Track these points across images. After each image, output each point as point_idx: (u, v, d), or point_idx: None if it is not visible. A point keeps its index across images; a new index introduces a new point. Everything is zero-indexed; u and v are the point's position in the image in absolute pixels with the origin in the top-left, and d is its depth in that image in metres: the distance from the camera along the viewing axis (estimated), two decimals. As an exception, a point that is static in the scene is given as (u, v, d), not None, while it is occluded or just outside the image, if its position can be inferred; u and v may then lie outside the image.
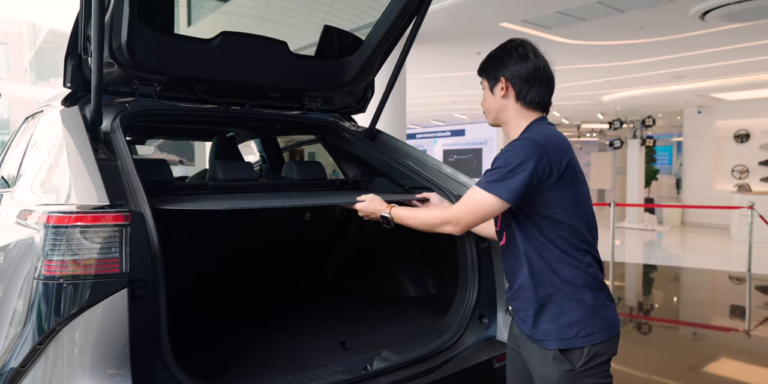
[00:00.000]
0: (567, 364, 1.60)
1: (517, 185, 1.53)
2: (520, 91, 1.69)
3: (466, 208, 1.64)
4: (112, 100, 2.32)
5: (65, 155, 1.86)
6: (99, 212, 1.55)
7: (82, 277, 1.49)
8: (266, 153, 4.32)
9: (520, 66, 1.67)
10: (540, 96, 1.69)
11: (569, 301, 1.60)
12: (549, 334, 1.62)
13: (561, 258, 1.59)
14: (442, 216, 1.70)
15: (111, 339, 1.51)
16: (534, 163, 1.53)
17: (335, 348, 2.19)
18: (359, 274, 3.27)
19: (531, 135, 1.60)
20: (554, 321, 1.61)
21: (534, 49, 1.72)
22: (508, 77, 1.69)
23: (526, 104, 1.69)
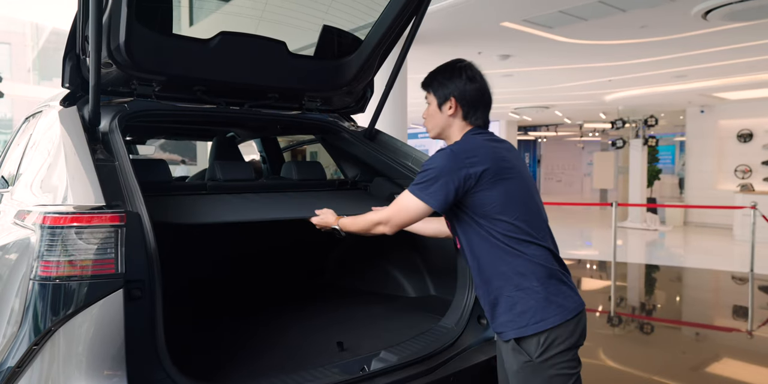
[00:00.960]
0: (524, 354, 1.68)
1: (439, 193, 1.68)
2: (467, 112, 1.82)
3: (397, 210, 1.79)
4: (110, 101, 2.32)
5: (62, 156, 1.86)
6: (94, 213, 1.55)
7: (78, 278, 1.49)
8: (266, 153, 4.32)
9: (469, 88, 1.81)
10: (483, 118, 1.85)
11: (519, 292, 1.68)
12: (506, 325, 1.71)
13: (505, 251, 1.69)
14: (374, 219, 1.86)
15: (107, 340, 1.51)
16: (450, 172, 1.67)
17: (332, 348, 2.19)
18: (358, 274, 3.26)
19: (451, 146, 1.75)
20: (509, 312, 1.70)
21: (480, 72, 1.86)
22: (458, 98, 1.81)
23: (471, 123, 1.84)
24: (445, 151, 1.73)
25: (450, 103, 1.82)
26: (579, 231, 12.90)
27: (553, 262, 1.72)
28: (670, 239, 11.64)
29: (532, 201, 1.77)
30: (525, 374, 1.69)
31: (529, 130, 22.51)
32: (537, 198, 1.81)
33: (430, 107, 1.88)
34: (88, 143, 1.91)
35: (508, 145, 1.86)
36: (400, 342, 2.20)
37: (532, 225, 1.73)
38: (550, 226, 1.82)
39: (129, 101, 2.33)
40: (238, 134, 4.07)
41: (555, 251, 1.76)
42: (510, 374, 1.76)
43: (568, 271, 1.77)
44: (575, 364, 1.72)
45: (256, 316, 2.72)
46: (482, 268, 1.74)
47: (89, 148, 1.89)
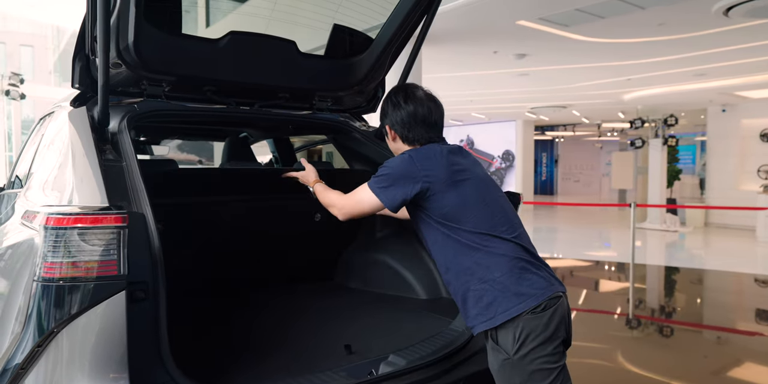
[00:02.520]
0: (502, 352, 1.71)
1: (397, 195, 1.79)
2: (404, 135, 1.95)
3: (354, 202, 1.92)
4: (120, 101, 2.32)
5: (70, 156, 1.87)
6: (97, 214, 1.54)
7: (80, 279, 1.49)
8: (278, 153, 4.31)
9: (396, 114, 1.95)
10: (426, 136, 1.94)
11: (483, 284, 1.73)
12: (476, 319, 1.76)
13: (467, 246, 1.76)
14: (333, 200, 2.02)
15: (110, 342, 1.51)
16: (407, 177, 1.79)
17: (340, 351, 2.16)
18: (367, 275, 3.24)
19: (409, 151, 1.87)
20: (476, 305, 1.75)
21: (407, 94, 1.96)
22: (390, 125, 1.97)
23: (413, 143, 1.95)
24: (404, 155, 1.85)
25: (388, 131, 1.99)
26: (597, 232, 12.77)
27: (520, 253, 1.77)
28: (691, 241, 11.48)
29: (491, 198, 1.85)
30: (505, 372, 1.72)
31: (547, 130, 22.41)
32: (497, 195, 1.90)
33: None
34: (96, 144, 1.92)
35: (461, 150, 1.97)
36: (409, 345, 2.17)
37: (494, 221, 1.79)
38: (521, 221, 1.90)
39: (139, 102, 2.33)
40: (251, 134, 4.06)
41: (523, 244, 1.80)
42: (493, 374, 1.78)
43: (541, 262, 1.81)
44: (556, 358, 1.71)
45: (262, 318, 2.71)
46: (448, 264, 1.80)
47: (97, 148, 1.89)
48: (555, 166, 25.62)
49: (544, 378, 1.68)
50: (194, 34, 2.46)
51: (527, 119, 18.75)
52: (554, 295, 1.74)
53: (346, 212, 1.95)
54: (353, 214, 1.94)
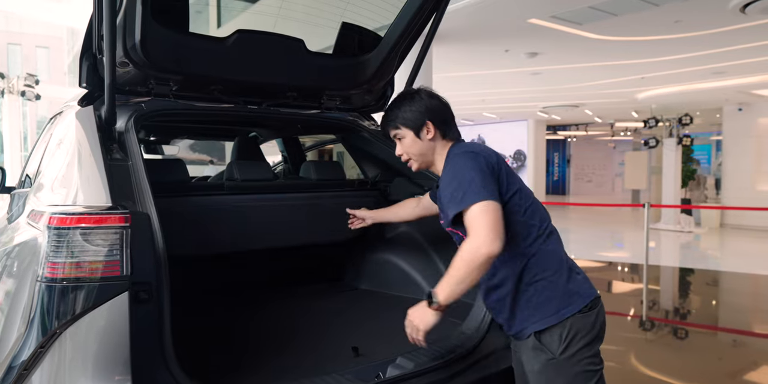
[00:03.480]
0: (546, 352, 1.66)
1: (490, 186, 1.61)
2: (444, 130, 1.84)
3: (482, 225, 1.55)
4: (128, 100, 2.33)
5: (76, 155, 1.88)
6: (100, 214, 1.54)
7: (82, 280, 1.48)
8: (288, 153, 4.32)
9: (435, 106, 1.84)
10: (456, 130, 1.87)
11: (534, 285, 1.68)
12: (526, 321, 1.70)
13: (520, 246, 1.68)
14: (470, 251, 1.55)
15: (113, 343, 1.50)
16: (484, 166, 1.65)
17: (347, 353, 2.14)
18: (376, 276, 3.22)
19: (460, 150, 1.74)
20: (527, 307, 1.69)
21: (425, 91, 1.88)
22: (432, 119, 1.82)
23: (450, 139, 1.86)
24: (464, 154, 1.69)
25: (426, 127, 1.83)
26: (610, 233, 12.67)
27: (563, 253, 1.74)
28: (706, 242, 11.35)
29: (533, 195, 1.81)
30: (548, 373, 1.66)
31: (559, 130, 22.33)
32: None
33: (404, 142, 1.87)
34: (102, 143, 1.92)
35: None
36: (418, 347, 2.08)
37: (541, 218, 1.74)
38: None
39: (146, 101, 2.33)
40: (260, 134, 4.08)
41: (561, 243, 1.78)
42: (531, 376, 1.72)
43: (575, 263, 1.79)
44: (598, 360, 1.69)
45: (268, 319, 2.70)
46: (497, 267, 1.71)
47: (103, 147, 1.89)
48: (567, 166, 25.51)
49: (587, 380, 1.64)
50: (206, 34, 2.45)
51: (539, 119, 18.69)
52: (597, 295, 1.74)
53: (492, 239, 1.54)
54: (498, 233, 1.55)
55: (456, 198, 1.61)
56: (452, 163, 1.71)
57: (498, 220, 1.56)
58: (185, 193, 2.49)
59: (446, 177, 1.70)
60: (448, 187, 1.66)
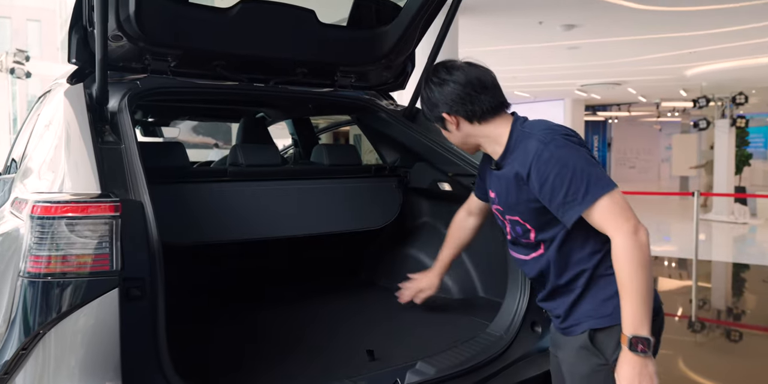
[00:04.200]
0: (599, 356, 1.60)
1: (601, 168, 1.57)
2: (467, 114, 1.72)
3: (623, 215, 1.52)
4: (122, 78, 2.33)
5: (63, 138, 1.88)
6: (88, 202, 1.53)
7: (68, 275, 1.48)
8: (298, 135, 4.32)
9: (445, 94, 1.72)
10: (488, 103, 1.71)
11: (605, 277, 1.62)
12: (584, 315, 1.64)
13: (592, 235, 1.61)
14: (634, 247, 1.48)
15: (102, 345, 1.50)
16: (579, 146, 1.59)
17: (362, 357, 2.13)
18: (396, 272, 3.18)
19: (542, 136, 1.60)
20: (591, 300, 1.64)
21: (447, 67, 1.75)
22: (449, 110, 1.73)
23: (483, 118, 1.72)
24: (552, 142, 1.57)
25: (447, 120, 1.75)
26: (655, 224, 12.55)
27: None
28: (763, 234, 11.19)
29: None
30: (598, 379, 1.60)
31: (598, 110, 22.22)
32: None
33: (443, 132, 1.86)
34: (93, 124, 1.92)
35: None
36: (440, 351, 2.13)
37: None
38: None
39: (142, 78, 2.33)
40: (267, 115, 4.07)
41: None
42: (573, 379, 1.68)
43: None
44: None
45: (275, 318, 2.70)
46: (568, 265, 1.65)
47: (94, 129, 1.89)
48: (608, 151, 25.33)
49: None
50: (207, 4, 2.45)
51: (577, 98, 18.60)
52: (661, 302, 1.70)
53: (637, 224, 1.51)
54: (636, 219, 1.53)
55: (574, 197, 1.52)
56: (539, 158, 1.56)
57: (629, 208, 1.54)
58: (184, 180, 2.49)
59: (539, 176, 1.56)
60: (550, 187, 1.54)
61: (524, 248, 1.77)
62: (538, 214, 1.64)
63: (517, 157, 1.65)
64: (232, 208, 2.59)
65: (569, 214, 1.54)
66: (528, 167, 1.58)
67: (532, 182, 1.59)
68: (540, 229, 1.68)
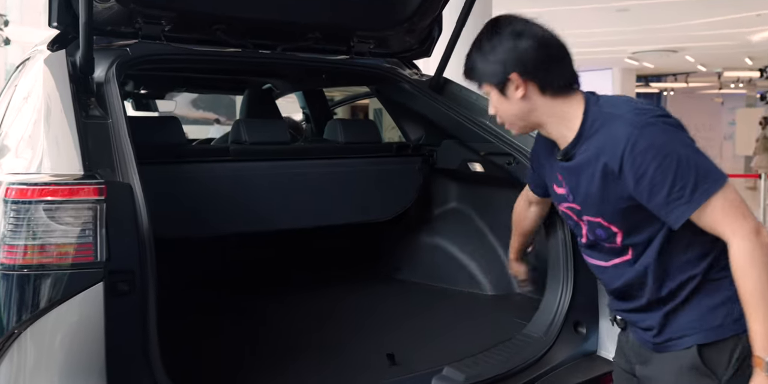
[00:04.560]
0: (710, 376, 1.51)
1: (710, 163, 1.46)
2: (542, 81, 1.57)
3: (740, 213, 1.45)
4: (110, 44, 2.33)
5: (42, 112, 1.88)
6: (69, 184, 1.53)
7: (47, 267, 1.48)
8: (310, 109, 4.33)
9: (523, 48, 1.56)
10: (568, 74, 1.60)
11: (711, 282, 1.53)
12: (686, 327, 1.54)
13: (695, 235, 1.51)
14: (757, 251, 1.43)
15: (85, 346, 1.50)
16: (681, 130, 1.49)
17: (381, 361, 2.12)
18: (421, 264, 3.21)
19: (633, 119, 1.49)
20: (695, 309, 1.54)
21: (524, 20, 1.63)
22: (521, 71, 1.56)
23: (558, 91, 1.59)
24: (650, 126, 1.47)
25: (512, 83, 1.58)
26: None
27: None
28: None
29: None
30: None
31: (652, 81, 22.05)
32: None
33: (491, 98, 1.66)
34: (76, 96, 1.92)
35: None
36: (470, 355, 2.13)
37: None
38: None
39: (132, 44, 2.34)
40: (275, 86, 4.09)
41: None
42: None
43: None
44: None
45: (283, 317, 2.70)
46: (666, 261, 1.56)
47: (77, 102, 1.89)
48: None
49: None
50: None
51: (627, 67, 18.47)
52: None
53: (759, 225, 1.47)
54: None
55: (681, 194, 1.43)
56: (633, 147, 1.45)
57: (742, 199, 1.47)
58: (179, 159, 2.49)
59: (634, 169, 1.45)
60: (649, 183, 1.44)
61: (605, 254, 1.66)
62: (629, 214, 1.53)
63: (599, 145, 1.52)
64: (233, 193, 2.60)
65: (675, 214, 1.44)
66: (620, 158, 1.46)
67: (625, 177, 1.46)
68: (629, 232, 1.57)
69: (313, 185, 2.84)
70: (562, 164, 1.62)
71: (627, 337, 1.73)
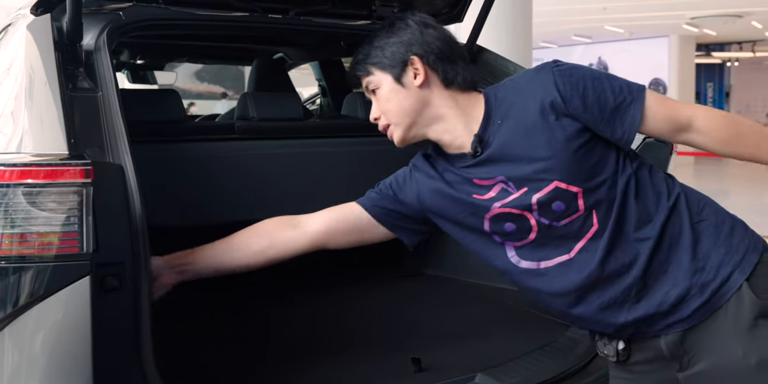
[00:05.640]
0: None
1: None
2: (446, 71, 1.66)
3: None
4: (101, 7, 2.32)
5: (23, 84, 1.88)
6: (52, 165, 1.52)
7: (28, 259, 1.47)
8: (326, 82, 4.33)
9: (431, 37, 1.66)
10: (470, 77, 1.68)
11: (700, 224, 1.56)
12: (723, 265, 1.51)
13: (653, 172, 1.63)
14: (718, 111, 1.67)
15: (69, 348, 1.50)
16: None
17: (405, 367, 2.11)
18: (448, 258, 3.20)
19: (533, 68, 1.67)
20: (720, 240, 1.54)
21: (426, 17, 1.73)
22: (423, 56, 1.64)
23: (460, 89, 1.67)
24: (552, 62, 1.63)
25: (413, 66, 1.64)
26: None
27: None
28: None
29: None
30: None
31: (714, 50, 21.93)
32: None
33: (380, 93, 1.70)
34: (62, 66, 1.90)
35: None
36: (506, 361, 2.12)
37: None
38: None
39: (126, 7, 2.32)
40: (288, 55, 4.10)
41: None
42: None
43: None
44: None
45: (295, 318, 2.71)
46: (632, 206, 1.58)
47: (63, 73, 1.88)
48: (725, 101, 25.04)
49: None
50: None
51: (685, 34, 18.41)
52: None
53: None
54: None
55: (621, 94, 1.56)
56: (561, 73, 1.56)
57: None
58: (178, 138, 2.51)
59: (573, 87, 1.54)
60: (594, 93, 1.54)
61: (566, 240, 1.60)
62: (583, 160, 1.54)
63: (518, 104, 1.59)
64: (239, 175, 2.61)
65: (628, 117, 1.54)
66: (554, 86, 1.54)
67: (569, 100, 1.53)
68: (589, 187, 1.56)
69: (329, 167, 2.84)
70: (479, 158, 1.62)
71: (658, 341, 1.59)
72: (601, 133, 1.54)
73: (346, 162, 2.88)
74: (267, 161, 2.67)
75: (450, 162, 1.69)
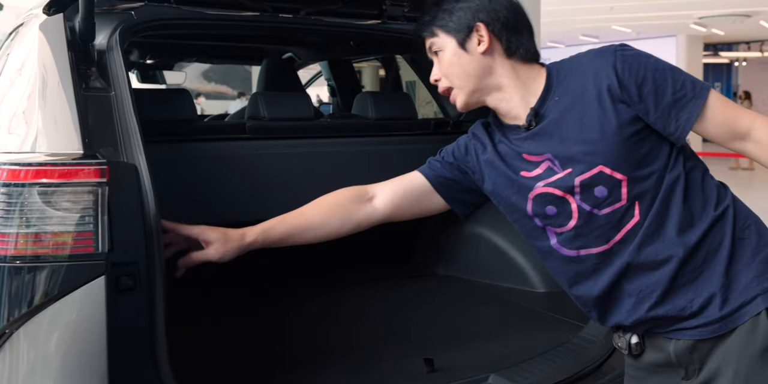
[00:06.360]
0: None
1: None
2: (510, 41, 1.64)
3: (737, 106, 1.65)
4: (113, 7, 2.33)
5: (38, 84, 1.88)
6: (67, 164, 1.53)
7: (43, 259, 1.48)
8: (336, 81, 4.35)
9: (498, 5, 1.64)
10: (533, 49, 1.68)
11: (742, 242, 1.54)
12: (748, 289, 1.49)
13: (706, 174, 1.62)
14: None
15: (84, 348, 1.51)
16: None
17: (417, 368, 2.10)
18: (461, 258, 3.20)
19: (600, 47, 1.61)
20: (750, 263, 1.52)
21: None
22: (489, 23, 1.62)
23: (522, 60, 1.66)
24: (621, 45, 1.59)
25: (478, 33, 1.62)
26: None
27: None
28: None
29: None
30: None
31: (721, 50, 21.88)
32: None
33: (443, 56, 1.68)
34: (74, 66, 1.91)
35: None
36: (519, 362, 2.11)
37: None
38: None
39: (138, 7, 2.33)
40: (297, 55, 4.11)
41: None
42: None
43: None
44: None
45: (305, 317, 2.71)
46: (690, 206, 1.57)
47: (76, 72, 1.89)
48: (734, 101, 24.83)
49: None
50: None
51: (693, 34, 18.41)
52: None
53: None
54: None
55: (683, 90, 1.53)
56: (623, 58, 1.55)
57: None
58: (190, 137, 2.51)
59: (633, 75, 1.53)
60: (652, 84, 1.52)
61: (605, 231, 1.58)
62: (634, 148, 1.54)
63: (578, 82, 1.58)
64: (250, 175, 2.61)
65: (684, 114, 1.52)
66: (614, 71, 1.52)
67: (626, 87, 1.52)
68: (635, 177, 1.55)
69: (339, 166, 2.84)
70: (532, 132, 1.62)
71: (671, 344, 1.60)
72: (653, 124, 1.52)
73: (357, 161, 2.89)
74: (278, 160, 2.68)
75: (505, 134, 1.69)
